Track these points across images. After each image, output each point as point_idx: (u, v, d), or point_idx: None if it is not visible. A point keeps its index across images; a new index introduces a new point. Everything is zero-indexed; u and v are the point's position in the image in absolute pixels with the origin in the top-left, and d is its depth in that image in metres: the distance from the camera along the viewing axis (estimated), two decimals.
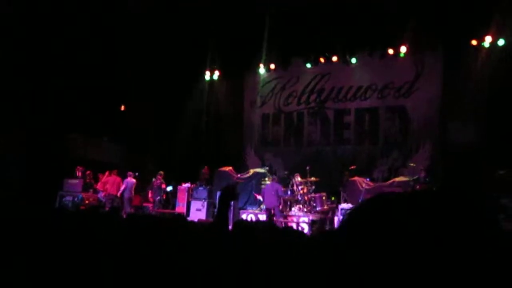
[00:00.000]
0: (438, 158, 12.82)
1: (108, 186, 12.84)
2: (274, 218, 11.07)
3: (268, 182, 12.34)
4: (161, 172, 13.38)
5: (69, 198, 12.57)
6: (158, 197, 13.18)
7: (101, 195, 12.93)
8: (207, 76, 15.92)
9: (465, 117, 12.23)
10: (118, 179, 12.96)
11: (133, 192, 12.89)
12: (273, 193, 11.29)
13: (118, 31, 13.16)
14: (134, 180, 12.97)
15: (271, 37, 13.84)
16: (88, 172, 13.14)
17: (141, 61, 14.31)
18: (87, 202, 12.41)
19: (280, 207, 11.53)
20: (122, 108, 15.96)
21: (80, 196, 12.49)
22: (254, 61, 15.06)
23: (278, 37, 13.80)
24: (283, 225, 10.25)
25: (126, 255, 2.08)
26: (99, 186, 13.11)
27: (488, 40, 11.93)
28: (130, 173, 13.03)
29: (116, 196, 12.67)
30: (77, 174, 13.13)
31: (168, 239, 1.97)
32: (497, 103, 11.39)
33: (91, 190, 13.03)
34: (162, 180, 13.30)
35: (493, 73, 11.81)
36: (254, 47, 14.39)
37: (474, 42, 12.22)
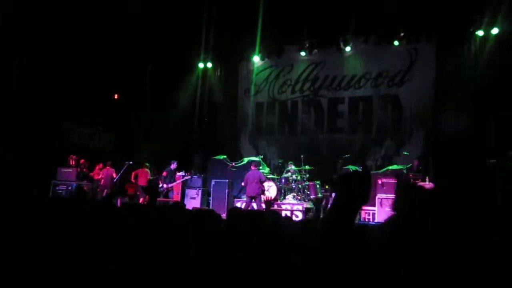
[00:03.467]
0: (431, 146, 12.92)
1: (102, 179, 12.95)
2: (255, 206, 11.10)
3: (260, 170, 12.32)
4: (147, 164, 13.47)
5: (62, 187, 12.54)
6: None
7: (97, 184, 12.93)
8: (201, 64, 15.85)
9: (458, 106, 12.32)
10: (111, 170, 13.03)
11: (108, 181, 12.91)
12: (255, 181, 11.25)
13: (110, 19, 13.03)
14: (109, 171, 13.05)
15: (265, 25, 13.77)
16: (82, 161, 13.10)
17: (135, 49, 14.21)
18: None
19: (262, 196, 11.55)
20: (116, 96, 15.86)
21: (74, 184, 12.46)
22: (248, 50, 15.02)
23: (272, 25, 13.74)
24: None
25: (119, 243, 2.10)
26: (95, 176, 13.10)
27: (482, 29, 11.96)
28: (109, 163, 13.14)
29: (108, 186, 12.76)
30: (71, 163, 13.08)
31: (165, 226, 2.00)
32: (491, 92, 11.45)
33: (87, 179, 12.99)
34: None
35: (487, 61, 11.87)
36: (248, 36, 14.33)
37: (468, 31, 12.24)
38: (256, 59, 15.26)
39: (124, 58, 14.16)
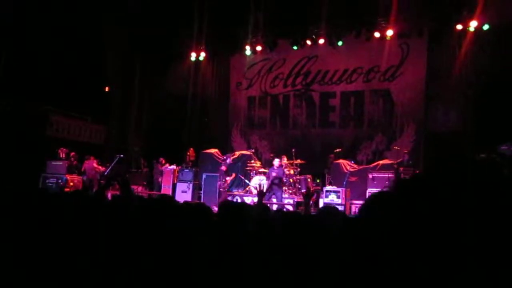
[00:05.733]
0: (422, 141, 13.01)
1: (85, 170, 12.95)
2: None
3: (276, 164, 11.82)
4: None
5: (52, 180, 12.42)
6: None
7: (85, 177, 12.86)
8: (193, 57, 15.74)
9: (448, 102, 12.40)
10: (92, 162, 13.01)
11: (93, 174, 12.90)
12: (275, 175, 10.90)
13: (102, 9, 12.90)
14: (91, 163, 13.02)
15: (258, 19, 13.72)
16: (72, 153, 12.99)
17: (126, 41, 14.09)
18: (71, 184, 12.29)
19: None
20: (106, 89, 15.73)
21: (64, 178, 12.36)
22: (240, 43, 14.94)
23: (265, 18, 13.69)
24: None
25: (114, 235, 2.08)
26: (84, 169, 13.05)
27: (473, 24, 11.99)
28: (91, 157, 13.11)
29: (93, 179, 12.75)
30: (61, 156, 12.97)
31: (155, 220, 1.98)
32: (481, 88, 11.53)
33: (76, 172, 12.91)
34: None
35: (477, 57, 11.93)
36: (241, 28, 14.26)
37: (459, 27, 12.28)
38: (249, 52, 15.19)
39: (114, 50, 14.04)
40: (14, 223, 2.31)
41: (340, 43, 13.96)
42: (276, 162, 11.28)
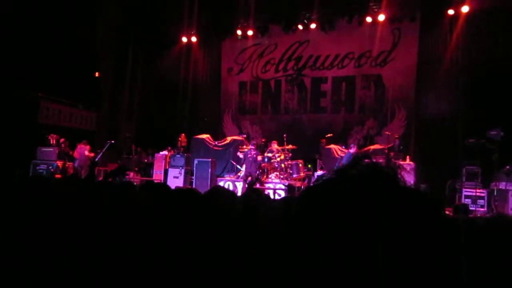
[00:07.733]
0: (413, 126, 13.10)
1: (77, 155, 12.90)
2: None
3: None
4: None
5: (43, 166, 12.37)
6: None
7: (76, 163, 12.80)
8: (184, 42, 15.61)
9: (440, 87, 12.46)
10: (84, 148, 12.96)
11: (84, 159, 12.87)
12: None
13: None
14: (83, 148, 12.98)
15: (249, 3, 13.61)
16: (62, 140, 12.91)
17: (117, 26, 13.94)
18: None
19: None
20: (97, 74, 15.57)
21: (55, 164, 12.30)
22: (231, 27, 14.84)
23: (256, 2, 13.59)
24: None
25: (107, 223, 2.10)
26: (75, 154, 12.98)
27: (465, 9, 12.00)
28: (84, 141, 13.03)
29: (85, 164, 12.70)
30: (51, 142, 12.89)
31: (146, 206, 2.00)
32: (472, 73, 11.58)
33: (66, 158, 12.85)
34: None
35: (469, 43, 11.97)
36: (233, 13, 14.15)
37: (451, 12, 12.28)
38: (240, 37, 15.09)
39: (105, 36, 13.88)
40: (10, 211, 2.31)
41: (332, 28, 13.92)
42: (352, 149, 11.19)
